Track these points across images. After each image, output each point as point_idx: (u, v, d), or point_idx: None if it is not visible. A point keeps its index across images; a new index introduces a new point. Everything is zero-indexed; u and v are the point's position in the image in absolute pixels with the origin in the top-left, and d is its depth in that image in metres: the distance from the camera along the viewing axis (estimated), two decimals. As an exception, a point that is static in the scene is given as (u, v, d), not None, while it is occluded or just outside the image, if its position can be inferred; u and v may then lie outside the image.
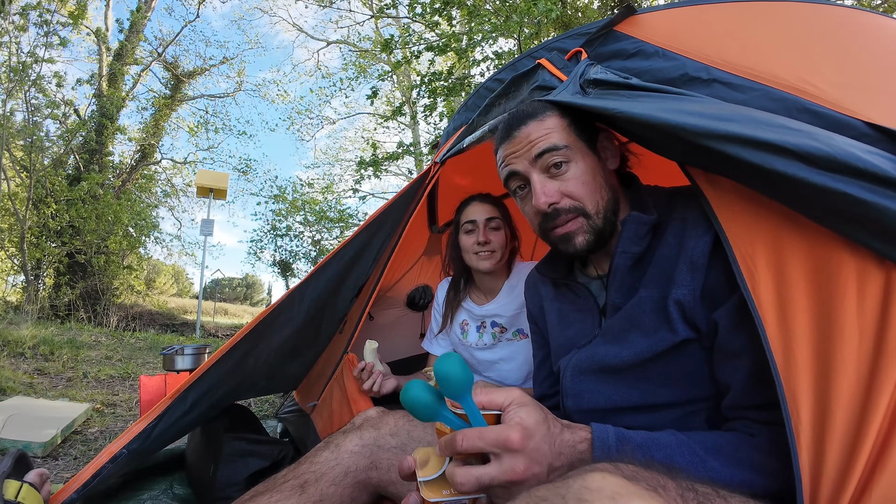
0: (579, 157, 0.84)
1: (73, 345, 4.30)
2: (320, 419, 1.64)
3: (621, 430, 0.66)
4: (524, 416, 0.59)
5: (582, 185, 0.83)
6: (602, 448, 0.64)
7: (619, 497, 0.41)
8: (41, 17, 7.40)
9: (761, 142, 0.58)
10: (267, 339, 1.43)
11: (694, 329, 0.73)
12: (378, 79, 7.67)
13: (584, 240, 0.84)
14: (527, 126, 0.86)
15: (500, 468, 0.56)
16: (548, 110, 0.87)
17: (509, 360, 1.57)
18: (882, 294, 0.53)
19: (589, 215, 0.83)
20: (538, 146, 0.83)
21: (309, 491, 0.89)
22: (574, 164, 0.83)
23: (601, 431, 0.66)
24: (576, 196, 0.83)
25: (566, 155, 0.83)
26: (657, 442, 0.65)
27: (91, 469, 1.12)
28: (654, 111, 0.73)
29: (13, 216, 7.11)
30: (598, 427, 0.67)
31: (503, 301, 1.57)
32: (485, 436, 0.57)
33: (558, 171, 0.83)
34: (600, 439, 0.65)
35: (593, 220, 0.83)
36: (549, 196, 0.82)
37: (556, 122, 0.85)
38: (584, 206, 0.83)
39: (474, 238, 1.53)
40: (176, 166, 11.29)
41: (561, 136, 0.84)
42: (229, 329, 8.47)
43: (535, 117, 0.86)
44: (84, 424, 2.25)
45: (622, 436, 0.65)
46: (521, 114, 0.88)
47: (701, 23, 0.94)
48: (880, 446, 0.51)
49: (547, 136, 0.84)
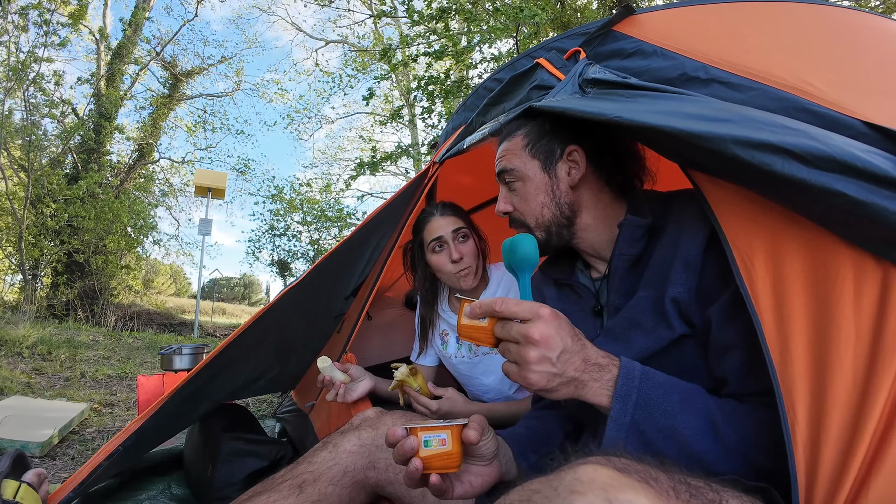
0: (529, 177, 0.94)
1: (71, 344, 4.29)
2: (318, 419, 1.64)
3: (647, 368, 0.69)
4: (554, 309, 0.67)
5: (524, 202, 0.95)
6: (626, 376, 0.67)
7: (610, 488, 0.42)
8: (41, 16, 7.38)
9: (760, 142, 0.58)
10: (264, 339, 1.44)
11: (689, 325, 0.76)
12: (376, 80, 7.65)
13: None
14: (502, 144, 1.00)
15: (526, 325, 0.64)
16: (520, 129, 0.97)
17: (488, 373, 1.52)
18: (879, 293, 0.54)
19: (530, 228, 0.95)
20: (498, 165, 0.98)
21: (307, 491, 0.89)
22: (521, 184, 0.95)
23: (629, 364, 0.69)
24: (519, 210, 0.96)
25: (515, 175, 0.95)
26: (678, 386, 0.69)
27: (88, 468, 1.12)
28: (652, 115, 0.73)
29: (11, 215, 7.09)
30: (626, 360, 0.70)
31: None
32: (522, 303, 0.66)
33: (511, 187, 0.97)
34: (626, 369, 0.68)
35: (533, 232, 0.94)
36: (502, 206, 0.98)
37: (518, 143, 0.96)
38: (524, 219, 0.95)
39: (446, 256, 1.44)
40: (174, 165, 11.28)
41: (514, 159, 0.95)
42: (227, 329, 8.46)
43: (508, 137, 0.99)
44: (82, 424, 2.24)
45: (647, 372, 0.69)
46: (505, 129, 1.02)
47: (699, 22, 0.94)
48: (877, 445, 0.51)
49: (504, 157, 0.97)
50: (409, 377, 1.36)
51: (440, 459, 0.68)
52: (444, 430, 0.69)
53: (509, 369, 0.67)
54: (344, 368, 1.39)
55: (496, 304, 0.66)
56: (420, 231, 1.51)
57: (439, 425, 0.70)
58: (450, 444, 0.68)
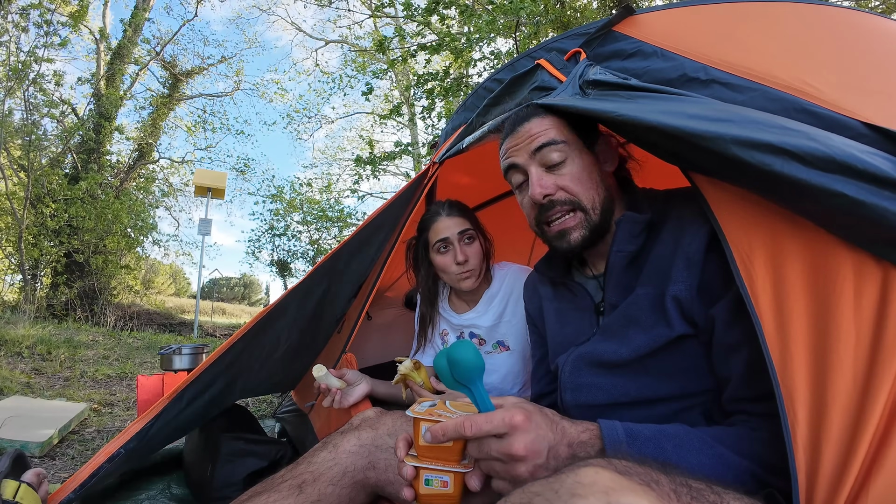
0: (576, 154, 0.87)
1: (71, 344, 4.28)
2: (318, 419, 1.64)
3: (629, 425, 0.66)
4: (519, 400, 0.64)
5: (577, 182, 0.86)
6: (613, 444, 0.64)
7: (612, 492, 0.41)
8: (41, 16, 7.37)
9: (760, 143, 0.58)
10: (264, 339, 1.43)
11: (691, 324, 0.75)
12: (374, 76, 7.63)
13: (580, 235, 0.86)
14: (529, 122, 0.90)
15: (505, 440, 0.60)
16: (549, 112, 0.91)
17: (490, 373, 1.51)
18: (879, 294, 0.54)
19: (586, 210, 0.85)
20: (538, 140, 0.87)
21: (307, 491, 0.89)
22: (570, 161, 0.86)
23: (610, 428, 0.66)
24: (571, 191, 0.85)
25: (563, 150, 0.86)
26: (666, 433, 0.66)
27: (88, 469, 1.12)
28: (653, 114, 0.73)
29: (11, 215, 7.09)
30: (605, 423, 0.66)
31: (481, 311, 1.51)
32: (492, 419, 0.60)
33: (555, 166, 0.86)
34: (610, 436, 0.65)
35: (590, 215, 0.86)
36: (544, 188, 0.85)
37: (556, 121, 0.89)
38: (580, 200, 0.85)
39: (451, 257, 1.43)
40: (174, 165, 11.28)
41: (559, 133, 0.87)
42: (227, 329, 8.46)
43: (538, 115, 0.91)
44: (81, 424, 2.24)
45: (631, 431, 0.66)
46: (525, 111, 0.93)
47: (699, 23, 0.94)
48: (877, 445, 0.51)
49: (546, 131, 0.87)
50: (413, 371, 1.35)
51: (439, 500, 0.68)
52: (447, 474, 0.68)
53: (502, 488, 0.63)
54: (340, 374, 1.37)
55: (465, 428, 0.60)
56: (425, 230, 1.50)
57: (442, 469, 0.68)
58: (451, 486, 0.67)
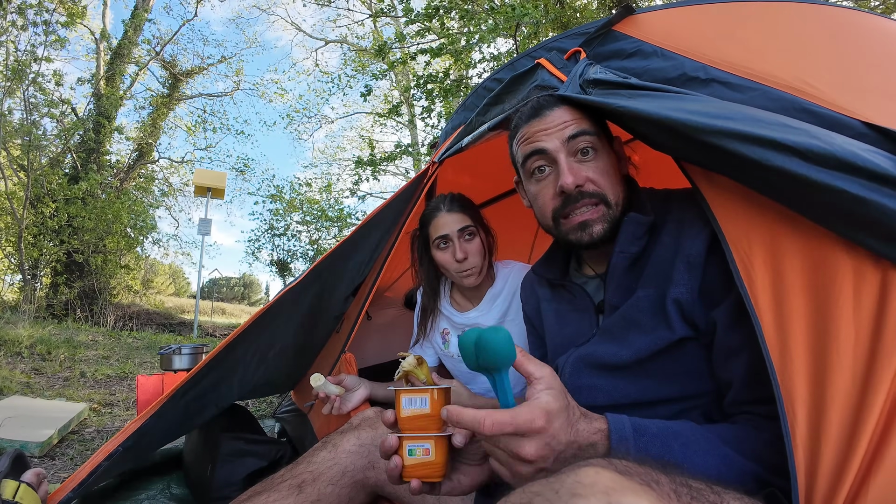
0: (602, 148, 0.87)
1: (71, 344, 4.28)
2: (317, 419, 1.63)
3: (637, 420, 0.66)
4: (550, 399, 0.59)
5: (604, 175, 0.85)
6: (619, 439, 0.63)
7: (612, 492, 0.41)
8: (37, 14, 7.36)
9: (762, 138, 0.58)
10: (263, 339, 1.43)
11: (692, 327, 0.74)
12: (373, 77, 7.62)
13: (602, 229, 0.84)
14: (560, 108, 0.87)
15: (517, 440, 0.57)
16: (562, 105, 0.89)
17: None
18: (878, 293, 0.54)
19: (609, 204, 0.84)
20: (571, 128, 0.85)
21: (306, 491, 0.89)
22: (599, 154, 0.86)
23: (617, 423, 0.65)
24: (599, 184, 0.84)
25: (594, 142, 0.85)
26: (672, 430, 0.65)
27: (87, 468, 1.12)
28: (656, 108, 0.73)
29: (10, 215, 7.08)
30: (613, 418, 0.66)
31: (484, 310, 1.50)
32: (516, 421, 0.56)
33: (585, 157, 0.85)
34: (617, 431, 0.64)
35: (613, 209, 0.85)
36: (576, 177, 0.83)
37: (583, 113, 0.87)
38: (605, 194, 0.84)
39: (450, 254, 1.41)
40: (173, 165, 11.28)
41: (590, 125, 0.86)
42: (227, 329, 8.46)
43: (567, 102, 0.88)
44: (81, 424, 2.24)
45: (638, 426, 0.65)
46: (548, 99, 0.90)
47: (699, 22, 0.94)
48: (876, 445, 0.51)
49: (578, 120, 0.86)
50: (416, 367, 1.35)
51: (423, 469, 0.68)
52: (428, 440, 0.68)
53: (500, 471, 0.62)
54: (338, 381, 1.36)
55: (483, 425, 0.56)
56: (426, 226, 1.49)
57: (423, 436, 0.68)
58: (433, 453, 0.68)
